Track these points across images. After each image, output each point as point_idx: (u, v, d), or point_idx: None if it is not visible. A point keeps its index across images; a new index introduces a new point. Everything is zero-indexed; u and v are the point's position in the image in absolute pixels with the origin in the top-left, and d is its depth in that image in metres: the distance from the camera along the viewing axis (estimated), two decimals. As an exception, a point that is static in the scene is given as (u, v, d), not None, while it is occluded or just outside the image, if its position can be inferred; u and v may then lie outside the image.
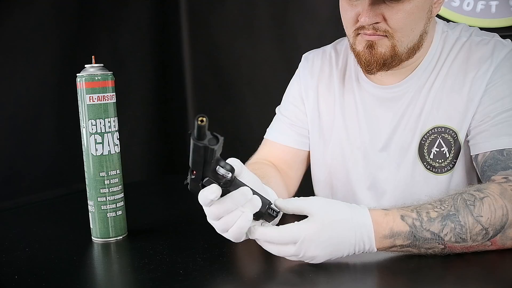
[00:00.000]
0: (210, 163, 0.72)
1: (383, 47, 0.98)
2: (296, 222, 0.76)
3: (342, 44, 1.22)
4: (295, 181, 1.23)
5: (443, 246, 0.79)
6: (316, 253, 0.76)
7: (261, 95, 2.03)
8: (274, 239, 0.76)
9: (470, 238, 0.79)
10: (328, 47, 1.24)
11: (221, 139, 0.71)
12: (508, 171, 0.91)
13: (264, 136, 1.25)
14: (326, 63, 1.21)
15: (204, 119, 0.66)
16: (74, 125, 1.75)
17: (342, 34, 1.37)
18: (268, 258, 0.86)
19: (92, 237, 0.99)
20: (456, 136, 1.02)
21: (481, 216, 0.79)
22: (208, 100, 2.16)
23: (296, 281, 0.77)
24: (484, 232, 0.79)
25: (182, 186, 0.82)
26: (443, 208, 0.80)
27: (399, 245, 0.79)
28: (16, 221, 1.23)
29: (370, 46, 0.99)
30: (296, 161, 1.22)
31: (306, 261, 0.78)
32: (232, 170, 0.74)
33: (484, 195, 0.81)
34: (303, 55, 1.27)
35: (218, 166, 0.73)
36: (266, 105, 1.94)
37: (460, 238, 0.78)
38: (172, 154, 2.18)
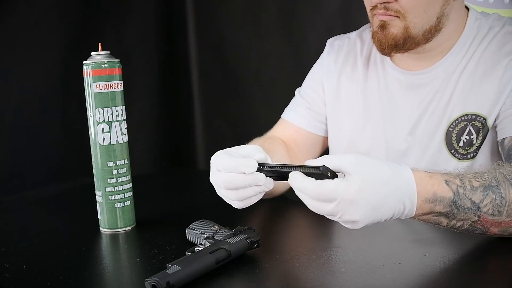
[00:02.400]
0: None
1: (395, 28, 0.98)
2: (336, 179, 0.68)
3: (367, 32, 1.20)
4: None
5: (477, 218, 0.76)
6: (356, 218, 0.68)
7: (268, 88, 2.02)
8: (309, 192, 0.69)
9: (506, 212, 0.76)
10: (353, 34, 1.23)
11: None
12: None
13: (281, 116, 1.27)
14: (351, 52, 1.20)
15: None
16: (80, 118, 1.75)
17: (351, 26, 1.36)
18: (281, 245, 0.85)
19: (100, 228, 0.98)
20: (485, 122, 1.00)
21: None
22: (215, 94, 2.14)
23: (317, 271, 0.76)
24: None
25: (189, 178, 0.81)
26: (484, 179, 0.77)
27: (437, 212, 0.74)
28: (24, 213, 1.22)
29: (382, 26, 1.00)
30: (307, 143, 1.22)
31: (345, 225, 0.71)
32: None
33: None
34: (328, 41, 1.27)
35: None
36: (273, 99, 1.93)
37: (498, 210, 0.76)
38: (178, 147, 2.18)
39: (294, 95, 1.28)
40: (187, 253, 0.77)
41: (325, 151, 1.26)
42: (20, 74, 1.60)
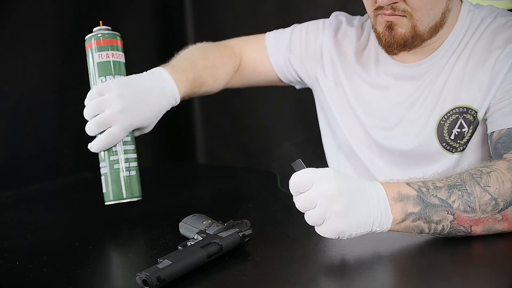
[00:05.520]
0: None
1: (403, 27, 0.97)
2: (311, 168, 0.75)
3: (369, 22, 1.19)
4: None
5: (452, 217, 0.76)
6: (339, 207, 0.71)
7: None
8: (293, 179, 0.74)
9: (480, 208, 0.76)
10: (356, 20, 1.21)
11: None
12: None
13: (265, 33, 1.28)
14: (350, 33, 1.19)
15: None
16: (78, 113, 1.74)
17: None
18: (273, 239, 0.85)
19: (105, 203, 0.93)
20: (476, 115, 1.00)
21: (489, 186, 0.77)
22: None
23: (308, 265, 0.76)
24: (493, 202, 0.77)
25: (186, 173, 0.81)
26: (448, 180, 0.79)
27: (410, 213, 0.75)
28: (19, 209, 1.22)
29: (390, 27, 0.97)
30: (265, 79, 1.26)
31: (333, 226, 0.72)
32: None
33: (490, 169, 0.80)
34: (334, 13, 1.25)
35: None
36: (272, 92, 1.93)
37: (469, 206, 0.76)
38: (177, 141, 2.17)
39: (292, 84, 1.28)
40: (179, 247, 0.77)
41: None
42: (18, 70, 1.60)
